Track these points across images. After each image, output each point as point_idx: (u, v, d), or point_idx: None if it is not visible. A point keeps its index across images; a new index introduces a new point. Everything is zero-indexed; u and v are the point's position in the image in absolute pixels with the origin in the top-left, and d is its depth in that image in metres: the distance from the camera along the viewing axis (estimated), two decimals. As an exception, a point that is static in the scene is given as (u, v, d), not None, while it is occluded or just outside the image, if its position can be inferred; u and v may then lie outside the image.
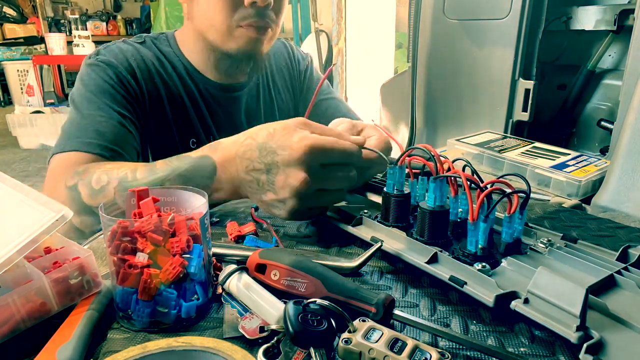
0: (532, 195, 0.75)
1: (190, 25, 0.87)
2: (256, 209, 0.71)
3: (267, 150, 0.55)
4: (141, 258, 0.41)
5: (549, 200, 0.82)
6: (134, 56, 0.85)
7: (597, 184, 0.98)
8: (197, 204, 0.46)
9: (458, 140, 1.17)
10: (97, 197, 0.65)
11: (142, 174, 0.64)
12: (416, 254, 0.49)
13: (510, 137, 1.19)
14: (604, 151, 1.42)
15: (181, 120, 0.88)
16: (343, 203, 0.64)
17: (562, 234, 0.53)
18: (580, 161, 1.06)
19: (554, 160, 1.06)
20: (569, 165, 1.05)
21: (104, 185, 0.65)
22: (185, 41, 0.90)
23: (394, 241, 0.53)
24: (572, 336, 0.36)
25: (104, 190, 0.64)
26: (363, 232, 0.56)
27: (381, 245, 0.51)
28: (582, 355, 0.35)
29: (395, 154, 0.63)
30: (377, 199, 0.66)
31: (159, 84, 0.86)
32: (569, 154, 1.08)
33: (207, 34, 0.83)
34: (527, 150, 1.11)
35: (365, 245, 0.56)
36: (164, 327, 0.42)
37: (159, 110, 0.86)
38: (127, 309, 0.42)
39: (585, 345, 0.35)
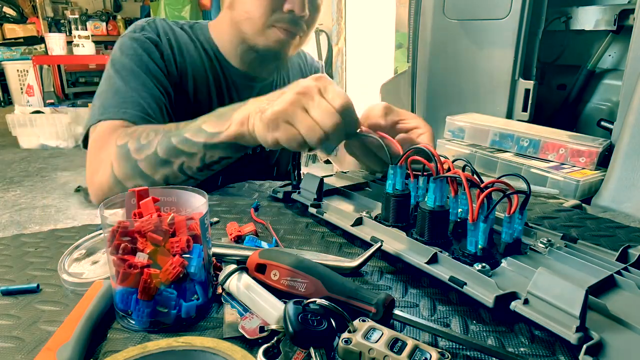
0: (539, 190, 0.76)
1: (227, 14, 0.92)
2: (256, 208, 0.71)
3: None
4: (141, 258, 0.41)
5: (557, 192, 0.81)
6: (173, 36, 0.91)
7: (597, 185, 0.98)
8: (197, 204, 0.46)
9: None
10: (143, 151, 0.70)
11: (184, 126, 0.70)
12: (416, 254, 0.49)
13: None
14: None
15: (202, 99, 0.93)
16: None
17: (562, 234, 0.53)
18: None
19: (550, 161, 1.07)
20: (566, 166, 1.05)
21: (151, 140, 0.70)
22: (219, 30, 0.94)
23: (394, 241, 0.53)
24: (572, 337, 0.36)
25: (149, 144, 0.70)
26: (363, 231, 0.56)
27: (381, 245, 0.51)
28: (581, 356, 0.35)
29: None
30: None
31: (189, 65, 0.91)
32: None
33: (243, 25, 0.88)
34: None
35: (365, 245, 0.56)
36: (164, 327, 0.42)
37: (184, 88, 0.91)
38: (127, 309, 0.42)
39: (584, 346, 0.35)
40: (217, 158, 0.69)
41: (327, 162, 1.17)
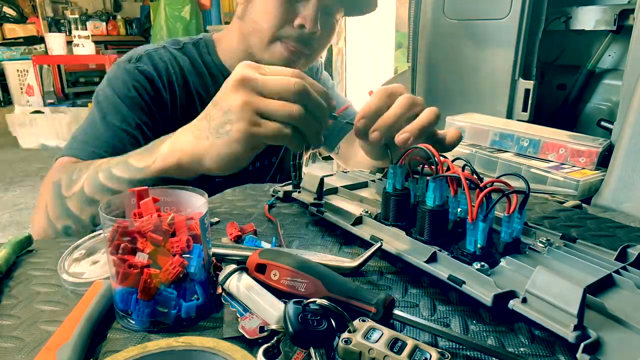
0: (554, 190, 0.76)
1: (236, 25, 0.87)
2: (270, 206, 0.71)
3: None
4: (141, 258, 0.41)
5: (574, 192, 0.80)
6: (174, 66, 0.85)
7: (597, 185, 0.98)
8: (197, 204, 0.46)
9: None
10: (71, 187, 0.64)
11: (113, 161, 0.64)
12: (415, 253, 0.49)
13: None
14: (603, 151, 1.42)
15: None
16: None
17: (561, 234, 0.53)
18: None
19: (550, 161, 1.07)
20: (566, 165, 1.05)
21: (81, 175, 0.64)
22: (226, 45, 0.90)
23: (394, 240, 0.53)
24: (570, 335, 0.36)
25: (78, 180, 0.64)
26: (363, 231, 0.56)
27: (381, 245, 0.51)
28: (579, 354, 0.35)
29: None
30: None
31: (194, 92, 0.86)
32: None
33: (250, 36, 0.83)
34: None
35: (365, 244, 0.56)
36: (164, 327, 0.42)
37: (191, 117, 0.85)
38: (127, 309, 0.42)
39: (582, 345, 0.35)
40: None
41: (327, 158, 1.17)
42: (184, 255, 0.42)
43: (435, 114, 0.58)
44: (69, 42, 4.39)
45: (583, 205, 0.86)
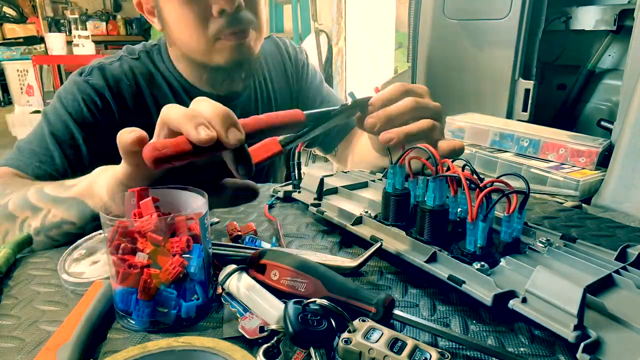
0: (557, 191, 0.76)
1: (174, 49, 0.85)
2: (270, 206, 0.71)
3: None
4: (141, 258, 0.41)
5: (576, 193, 0.80)
6: (129, 77, 0.83)
7: (597, 185, 0.98)
8: (197, 204, 0.46)
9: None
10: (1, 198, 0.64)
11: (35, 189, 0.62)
12: (415, 253, 0.49)
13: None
14: (603, 151, 1.42)
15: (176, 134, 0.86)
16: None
17: (561, 234, 0.53)
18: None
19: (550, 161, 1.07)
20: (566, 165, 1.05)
21: (13, 190, 0.64)
22: (177, 60, 0.87)
23: (394, 240, 0.53)
24: (569, 335, 0.36)
25: (6, 195, 0.63)
26: (363, 231, 0.56)
27: (381, 245, 0.51)
28: (579, 354, 0.35)
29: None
30: None
31: (150, 102, 0.84)
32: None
33: (191, 54, 0.80)
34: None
35: (365, 244, 0.56)
36: (164, 327, 0.42)
37: (150, 130, 0.82)
38: (127, 309, 0.42)
39: (582, 345, 0.35)
40: (58, 219, 0.58)
41: (327, 158, 1.17)
42: (184, 255, 0.42)
43: (429, 126, 0.57)
44: (69, 42, 4.38)
45: (583, 205, 0.86)
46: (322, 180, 0.67)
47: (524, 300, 0.40)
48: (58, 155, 0.76)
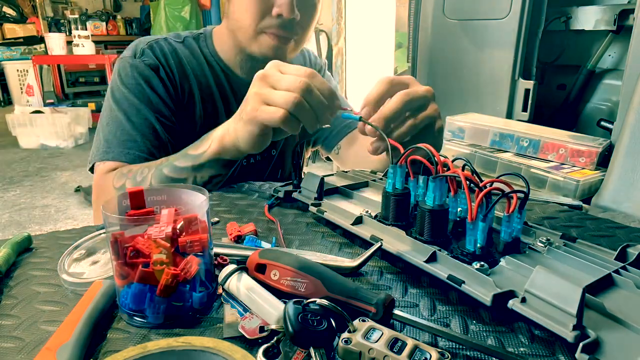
0: (563, 201, 0.76)
1: (225, 23, 0.92)
2: (270, 206, 0.71)
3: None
4: (160, 257, 0.42)
5: (580, 204, 0.81)
6: (174, 57, 0.90)
7: (597, 185, 0.98)
8: (198, 202, 0.46)
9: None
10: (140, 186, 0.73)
11: (173, 157, 0.76)
12: (415, 253, 0.49)
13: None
14: (603, 151, 1.42)
15: (209, 114, 0.94)
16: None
17: (561, 234, 0.53)
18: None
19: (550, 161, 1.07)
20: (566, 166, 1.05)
21: (145, 175, 0.76)
22: (220, 40, 0.95)
23: (394, 240, 0.53)
24: (569, 335, 0.36)
25: (144, 180, 0.75)
26: (363, 231, 0.56)
27: (381, 245, 0.51)
28: (578, 354, 0.35)
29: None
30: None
31: (194, 82, 0.92)
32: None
33: (237, 33, 0.88)
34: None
35: (366, 244, 0.56)
36: (178, 321, 0.43)
37: (192, 106, 0.92)
38: (139, 308, 0.43)
39: (581, 345, 0.35)
40: (207, 178, 0.74)
41: (328, 158, 1.17)
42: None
43: (403, 101, 0.62)
44: (69, 42, 4.39)
45: (583, 205, 0.86)
46: (322, 180, 0.67)
47: (524, 300, 0.40)
48: (140, 138, 0.84)
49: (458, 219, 0.54)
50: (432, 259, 0.48)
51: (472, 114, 1.37)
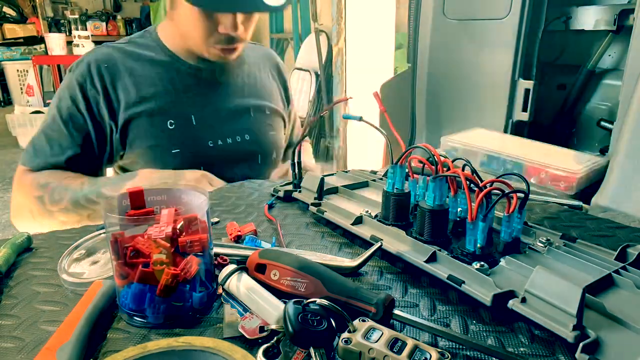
0: (565, 202, 0.76)
1: (171, 24, 0.95)
2: (270, 206, 0.71)
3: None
4: (160, 257, 0.42)
5: (581, 205, 0.80)
6: (110, 58, 0.94)
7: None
8: (198, 202, 0.46)
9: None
10: (57, 205, 0.86)
11: (87, 186, 0.86)
12: (415, 253, 0.49)
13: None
14: (603, 151, 1.42)
15: (160, 104, 0.94)
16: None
17: (561, 234, 0.53)
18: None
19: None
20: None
21: (62, 197, 0.86)
22: (167, 35, 0.97)
23: (394, 240, 0.53)
24: (569, 335, 0.36)
25: (61, 200, 0.86)
26: (363, 231, 0.56)
27: (381, 245, 0.51)
28: (578, 354, 0.35)
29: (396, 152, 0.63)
30: None
31: (144, 82, 0.93)
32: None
33: (185, 39, 0.93)
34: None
35: (366, 244, 0.56)
36: (178, 321, 0.43)
37: (146, 105, 0.93)
38: (139, 308, 0.43)
39: (581, 345, 0.35)
40: None
41: (328, 157, 1.18)
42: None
43: None
44: (69, 42, 4.38)
45: (583, 205, 0.85)
46: (322, 180, 0.67)
47: (524, 300, 0.40)
48: (49, 149, 0.90)
49: (458, 219, 0.54)
50: (432, 259, 0.48)
51: (468, 131, 1.35)
